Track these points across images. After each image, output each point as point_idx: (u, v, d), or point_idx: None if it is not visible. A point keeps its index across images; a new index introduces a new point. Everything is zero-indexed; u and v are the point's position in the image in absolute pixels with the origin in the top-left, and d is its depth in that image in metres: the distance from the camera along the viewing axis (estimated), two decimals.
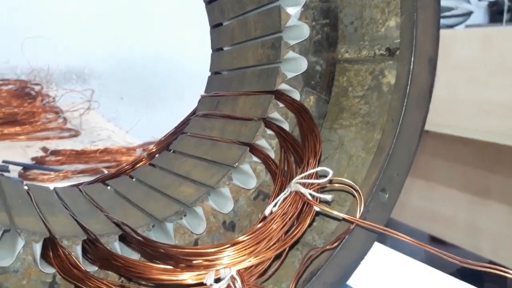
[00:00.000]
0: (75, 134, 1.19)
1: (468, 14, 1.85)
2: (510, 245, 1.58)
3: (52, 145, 1.06)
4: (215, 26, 0.39)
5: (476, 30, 1.69)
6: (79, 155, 0.90)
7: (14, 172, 0.81)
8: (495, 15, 2.22)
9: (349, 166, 0.33)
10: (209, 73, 0.41)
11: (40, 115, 1.30)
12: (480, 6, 2.81)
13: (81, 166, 0.86)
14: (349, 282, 0.29)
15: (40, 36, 1.57)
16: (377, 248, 0.45)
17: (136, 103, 2.00)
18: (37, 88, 1.49)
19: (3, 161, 0.84)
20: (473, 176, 1.68)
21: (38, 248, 0.25)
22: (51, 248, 0.25)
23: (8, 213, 0.26)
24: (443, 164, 1.81)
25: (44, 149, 0.93)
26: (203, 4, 0.39)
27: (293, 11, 0.31)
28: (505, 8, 1.78)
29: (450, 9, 1.78)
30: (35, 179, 0.80)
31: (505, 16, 1.78)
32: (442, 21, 1.82)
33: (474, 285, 0.48)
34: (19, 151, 1.03)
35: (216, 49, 0.40)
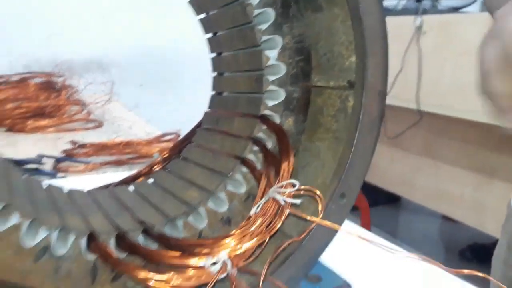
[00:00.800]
0: (98, 125, 1.29)
1: None
2: None
3: (78, 136, 1.15)
4: (217, 54, 0.47)
5: (483, 14, 1.71)
6: (104, 148, 1.00)
7: (47, 164, 0.92)
8: None
9: (323, 173, 0.41)
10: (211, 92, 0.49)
11: (65, 108, 1.39)
12: None
13: (106, 158, 0.96)
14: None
15: (63, 32, 1.67)
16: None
17: (155, 89, 2.09)
18: (60, 79, 1.58)
19: (38, 155, 0.94)
20: (479, 156, 1.74)
21: (83, 241, 0.35)
22: (92, 241, 0.35)
23: (61, 216, 0.35)
24: (450, 144, 1.87)
25: (73, 142, 1.03)
26: None
27: (272, 53, 0.39)
28: None
29: None
30: (67, 170, 0.90)
31: None
32: (448, 3, 1.85)
33: (483, 260, 0.52)
34: (50, 143, 1.13)
35: (218, 74, 0.48)
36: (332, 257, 0.44)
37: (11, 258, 0.33)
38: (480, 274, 0.31)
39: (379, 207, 2.53)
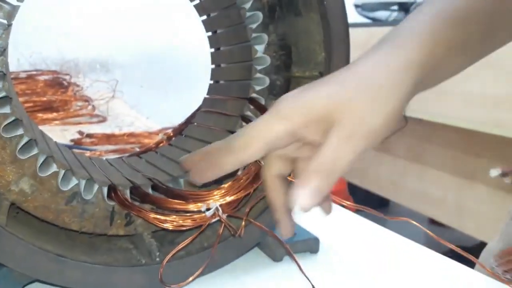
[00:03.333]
0: (102, 119, 1.38)
1: None
2: (491, 223, 1.74)
3: (84, 129, 1.24)
4: (215, 49, 0.57)
5: None
6: (109, 138, 1.09)
7: None
8: None
9: None
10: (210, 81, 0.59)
11: (71, 103, 1.48)
12: None
13: (111, 147, 1.05)
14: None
15: (69, 33, 1.76)
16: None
17: (155, 91, 2.18)
18: (67, 78, 1.67)
19: None
20: (460, 161, 1.84)
21: (105, 190, 0.44)
22: (113, 190, 0.44)
23: (88, 172, 0.45)
24: (435, 149, 1.97)
25: (80, 133, 1.13)
26: None
27: (259, 48, 0.48)
28: None
29: None
30: None
31: None
32: None
33: (464, 263, 0.52)
34: (57, 133, 1.22)
35: (216, 65, 0.58)
36: (305, 219, 0.54)
37: (48, 200, 0.42)
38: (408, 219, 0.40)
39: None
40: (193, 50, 2.14)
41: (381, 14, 2.21)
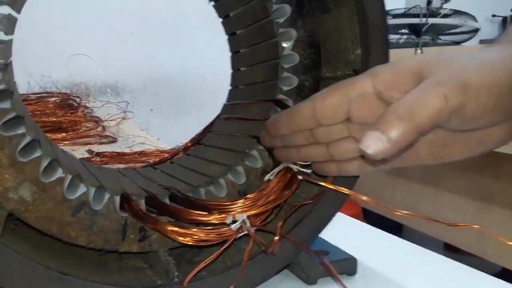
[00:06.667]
0: (113, 140, 1.34)
1: (475, 31, 1.95)
2: None
3: (94, 149, 1.20)
4: (234, 52, 0.53)
5: (478, 46, 1.79)
6: (120, 156, 1.04)
7: None
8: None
9: None
10: (229, 88, 0.54)
11: (81, 124, 1.45)
12: (494, 21, 2.90)
13: (121, 166, 1.00)
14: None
15: (81, 55, 1.74)
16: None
17: (165, 113, 2.16)
18: (77, 99, 1.65)
19: None
20: (477, 183, 1.76)
21: (117, 200, 0.39)
22: (125, 201, 0.39)
23: (97, 179, 0.40)
24: (451, 172, 1.90)
25: (90, 151, 1.08)
26: None
27: (287, 44, 0.44)
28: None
29: (456, 26, 1.89)
30: None
31: None
32: (450, 37, 1.92)
33: None
34: None
35: (236, 70, 0.53)
36: (338, 240, 0.48)
37: (52, 210, 0.37)
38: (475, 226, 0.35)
39: None
40: (202, 73, 2.11)
41: (392, 37, 2.19)
